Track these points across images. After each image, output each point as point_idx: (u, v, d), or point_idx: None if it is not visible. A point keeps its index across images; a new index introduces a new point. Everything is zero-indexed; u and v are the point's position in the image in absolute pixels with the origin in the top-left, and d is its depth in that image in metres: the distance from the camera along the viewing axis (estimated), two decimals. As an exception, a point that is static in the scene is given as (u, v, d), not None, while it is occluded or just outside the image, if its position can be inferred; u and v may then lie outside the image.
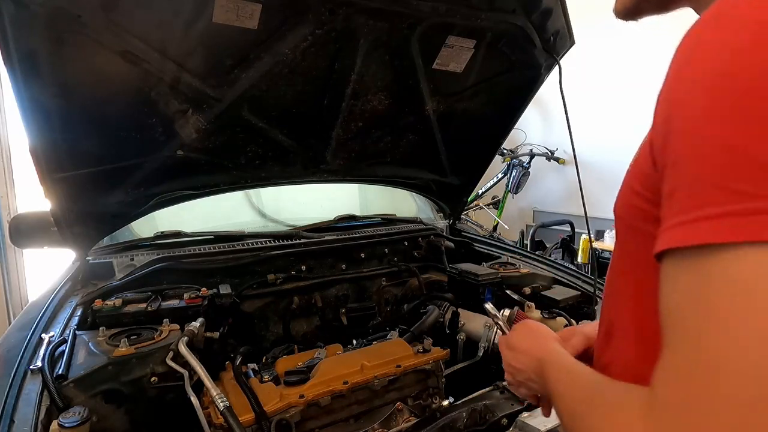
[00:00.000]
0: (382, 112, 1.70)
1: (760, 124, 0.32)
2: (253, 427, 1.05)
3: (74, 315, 1.31)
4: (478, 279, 1.68)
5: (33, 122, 1.22)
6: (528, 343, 0.74)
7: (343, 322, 1.74)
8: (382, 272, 1.87)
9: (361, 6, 1.30)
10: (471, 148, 2.02)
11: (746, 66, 0.33)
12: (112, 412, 1.06)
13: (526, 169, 4.74)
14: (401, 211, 2.26)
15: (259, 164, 1.69)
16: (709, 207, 0.34)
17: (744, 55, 0.34)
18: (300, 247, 1.75)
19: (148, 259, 1.59)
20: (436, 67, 1.59)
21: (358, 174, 1.97)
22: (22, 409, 0.91)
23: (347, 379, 1.17)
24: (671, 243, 0.37)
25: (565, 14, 1.54)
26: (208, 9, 1.18)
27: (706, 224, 0.34)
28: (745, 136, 0.33)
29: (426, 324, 1.48)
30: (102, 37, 1.16)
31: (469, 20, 1.44)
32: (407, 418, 1.23)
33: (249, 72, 1.38)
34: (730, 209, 0.33)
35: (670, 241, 0.37)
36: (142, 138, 1.42)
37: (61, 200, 1.39)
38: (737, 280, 0.32)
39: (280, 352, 1.39)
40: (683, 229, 0.35)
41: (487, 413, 1.15)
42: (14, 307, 3.45)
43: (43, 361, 1.03)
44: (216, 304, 1.42)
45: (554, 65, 1.65)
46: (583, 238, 3.87)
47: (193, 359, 1.07)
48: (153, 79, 1.29)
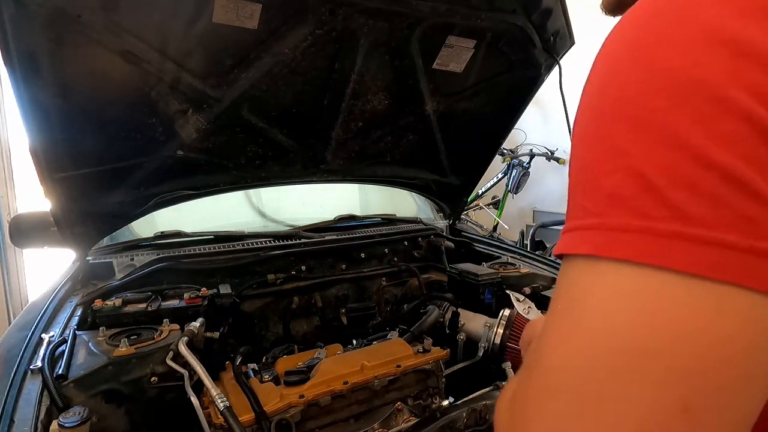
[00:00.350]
0: (382, 112, 1.70)
1: (605, 145, 0.35)
2: (253, 427, 1.05)
3: (74, 315, 1.31)
4: (478, 279, 1.68)
5: (33, 122, 1.22)
6: (539, 324, 0.77)
7: (343, 322, 1.74)
8: (382, 272, 1.86)
9: (361, 6, 1.30)
10: (471, 148, 2.02)
11: (614, 86, 0.35)
12: (112, 412, 1.06)
13: (526, 169, 4.74)
14: (401, 211, 2.26)
15: (259, 164, 1.69)
16: (570, 220, 0.37)
17: (611, 76, 0.36)
18: (300, 247, 1.75)
19: (148, 259, 1.59)
20: (436, 67, 1.59)
21: (358, 174, 1.97)
22: (22, 409, 0.91)
23: (347, 379, 1.17)
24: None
25: (565, 14, 1.54)
26: (208, 9, 1.18)
27: (565, 236, 0.37)
28: (593, 156, 0.36)
29: (426, 324, 1.47)
30: (102, 37, 1.16)
31: (469, 20, 1.44)
32: (407, 418, 1.23)
33: (249, 72, 1.38)
34: (576, 224, 0.36)
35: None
36: (142, 138, 1.42)
37: (61, 200, 1.39)
38: (568, 285, 0.36)
39: (280, 352, 1.39)
40: (560, 237, 0.39)
41: (487, 413, 1.15)
42: (14, 307, 3.45)
43: (43, 361, 1.03)
44: (216, 304, 1.42)
45: (554, 65, 1.65)
46: (583, 238, 3.87)
47: (193, 359, 1.07)
48: (153, 79, 1.29)
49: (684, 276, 0.30)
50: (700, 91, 0.31)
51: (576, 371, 0.33)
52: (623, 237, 0.32)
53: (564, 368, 0.34)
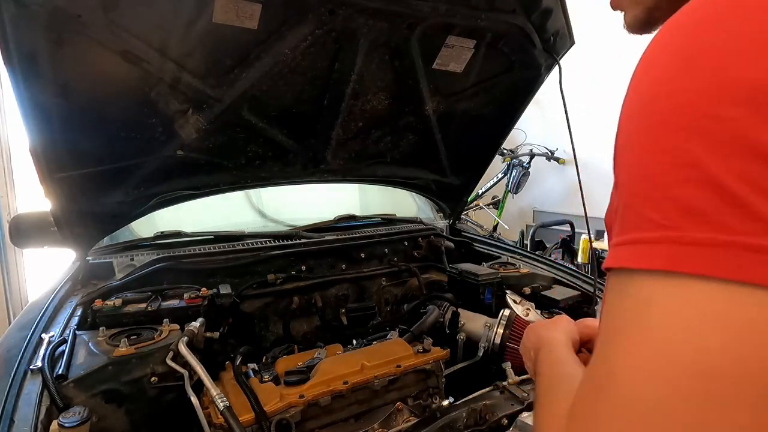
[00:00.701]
0: (382, 112, 1.70)
1: (671, 155, 0.33)
2: (253, 427, 1.05)
3: (74, 315, 1.31)
4: (478, 279, 1.68)
5: (33, 122, 1.22)
6: (542, 330, 0.78)
7: (343, 322, 1.74)
8: (382, 272, 1.86)
9: (361, 6, 1.29)
10: (471, 148, 2.02)
11: (665, 96, 0.34)
12: (112, 412, 1.06)
13: (526, 169, 4.74)
14: (401, 211, 2.26)
15: (259, 164, 1.69)
16: (628, 233, 0.36)
17: (662, 85, 0.35)
18: (300, 247, 1.75)
19: (148, 259, 1.59)
20: (436, 67, 1.59)
21: (358, 174, 1.97)
22: (22, 409, 0.91)
23: (347, 379, 1.17)
24: (605, 263, 0.39)
25: (565, 14, 1.54)
26: (208, 9, 1.18)
27: (623, 249, 0.36)
28: (656, 166, 0.34)
29: (426, 324, 1.47)
30: (102, 37, 1.16)
31: (469, 20, 1.44)
32: (407, 418, 1.23)
33: (249, 72, 1.38)
34: (641, 236, 0.34)
35: (606, 260, 0.39)
36: (142, 138, 1.42)
37: (61, 200, 1.39)
38: (638, 301, 0.34)
39: (280, 352, 1.39)
40: (612, 251, 0.37)
41: (487, 413, 1.15)
42: (14, 307, 3.45)
43: (43, 361, 1.03)
44: (216, 304, 1.42)
45: (554, 65, 1.65)
46: (583, 238, 3.87)
47: (193, 359, 1.07)
48: (153, 79, 1.29)
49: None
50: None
51: (661, 395, 0.31)
52: (707, 252, 0.31)
53: (645, 391, 0.32)
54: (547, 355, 0.64)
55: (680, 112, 0.33)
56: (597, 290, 1.62)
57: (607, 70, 4.37)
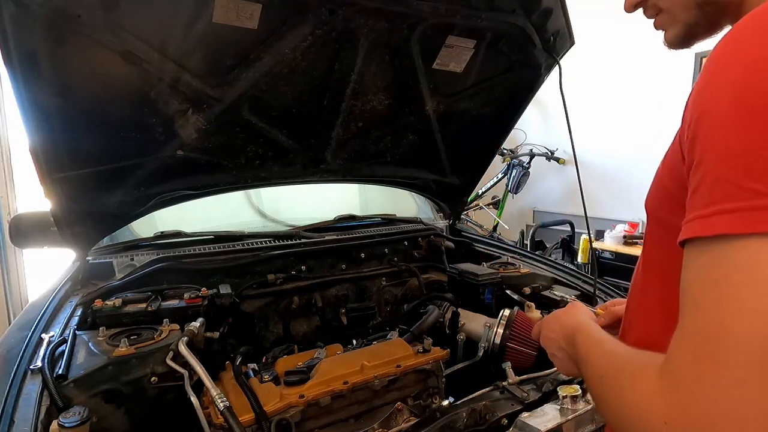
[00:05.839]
0: (382, 112, 1.70)
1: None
2: (253, 427, 1.05)
3: (74, 315, 1.31)
4: (478, 279, 1.68)
5: (33, 122, 1.22)
6: (563, 317, 0.81)
7: (343, 322, 1.74)
8: (382, 272, 1.86)
9: (361, 6, 1.29)
10: (471, 148, 2.02)
11: (762, 78, 0.39)
12: (112, 412, 1.06)
13: (526, 169, 4.74)
14: (401, 211, 2.26)
15: (259, 164, 1.69)
16: (724, 203, 0.40)
17: (758, 66, 0.40)
18: (300, 247, 1.75)
19: (148, 259, 1.59)
20: (436, 67, 1.59)
21: (358, 174, 1.97)
22: (22, 409, 0.91)
23: (347, 379, 1.17)
24: (692, 233, 0.43)
25: (565, 14, 1.54)
26: (208, 9, 1.18)
27: (721, 218, 0.40)
28: (756, 142, 0.39)
29: (426, 324, 1.47)
30: (102, 37, 1.16)
31: (469, 20, 1.44)
32: (407, 418, 1.22)
33: (249, 72, 1.38)
34: (742, 205, 0.39)
35: (691, 231, 0.43)
36: (142, 138, 1.42)
37: (61, 200, 1.39)
38: (742, 263, 0.39)
39: (280, 352, 1.39)
40: (703, 221, 0.42)
41: (487, 413, 1.15)
42: (14, 307, 3.45)
43: (43, 361, 1.03)
44: (216, 304, 1.42)
45: (554, 65, 1.65)
46: (583, 238, 3.87)
47: (193, 359, 1.07)
48: (153, 79, 1.29)
49: None
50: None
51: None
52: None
53: (747, 339, 0.37)
54: (587, 337, 0.67)
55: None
56: (597, 290, 1.62)
57: (607, 70, 4.38)
